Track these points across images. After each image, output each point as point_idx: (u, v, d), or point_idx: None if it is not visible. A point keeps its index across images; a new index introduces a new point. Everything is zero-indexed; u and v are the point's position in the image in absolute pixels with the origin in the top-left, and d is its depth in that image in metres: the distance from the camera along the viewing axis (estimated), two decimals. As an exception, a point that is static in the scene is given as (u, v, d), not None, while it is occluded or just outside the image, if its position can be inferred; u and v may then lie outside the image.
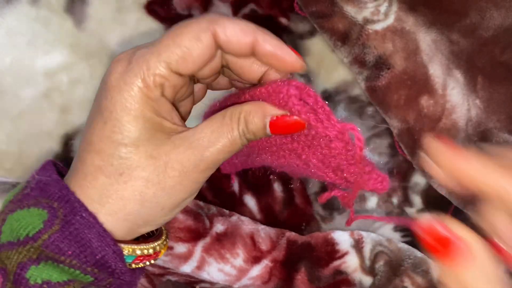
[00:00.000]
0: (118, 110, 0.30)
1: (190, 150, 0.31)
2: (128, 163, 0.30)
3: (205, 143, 0.31)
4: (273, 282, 0.48)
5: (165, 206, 0.32)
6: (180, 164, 0.31)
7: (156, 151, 0.31)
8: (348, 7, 0.51)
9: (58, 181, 0.31)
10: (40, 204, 0.31)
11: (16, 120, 0.50)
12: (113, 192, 0.31)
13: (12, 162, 0.50)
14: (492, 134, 0.49)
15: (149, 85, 0.30)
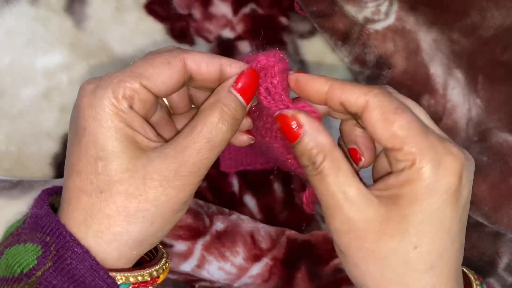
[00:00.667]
0: (91, 125, 0.31)
1: (166, 160, 0.31)
2: (107, 178, 0.31)
3: (180, 148, 0.32)
4: (273, 280, 0.48)
5: (154, 220, 0.32)
6: (159, 174, 0.31)
7: (132, 164, 0.31)
8: (348, 7, 0.51)
9: (49, 213, 0.32)
10: (35, 239, 0.31)
11: (16, 120, 0.50)
12: (96, 212, 0.31)
13: (12, 162, 0.50)
14: (493, 133, 0.49)
15: (118, 97, 0.31)
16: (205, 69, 0.33)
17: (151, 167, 0.31)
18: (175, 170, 0.31)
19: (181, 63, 0.33)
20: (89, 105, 0.31)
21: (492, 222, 0.48)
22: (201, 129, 0.32)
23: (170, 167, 0.31)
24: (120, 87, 0.31)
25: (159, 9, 0.54)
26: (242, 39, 0.54)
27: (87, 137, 0.31)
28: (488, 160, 0.48)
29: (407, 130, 0.31)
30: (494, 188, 0.48)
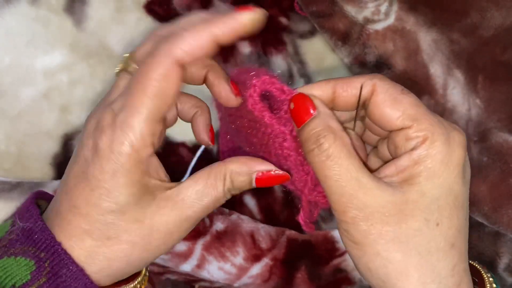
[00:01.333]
0: (106, 179, 0.31)
1: (174, 212, 0.32)
2: (115, 228, 0.31)
3: (189, 203, 0.32)
4: (274, 280, 0.48)
5: (148, 261, 0.34)
6: (165, 226, 0.32)
7: (142, 215, 0.32)
8: (348, 7, 0.51)
9: (44, 229, 0.32)
10: (27, 253, 0.31)
11: (16, 120, 0.50)
12: (100, 254, 0.32)
13: (12, 162, 0.50)
14: (493, 133, 0.49)
15: (138, 149, 0.31)
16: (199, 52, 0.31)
17: (158, 217, 0.32)
18: (180, 224, 0.33)
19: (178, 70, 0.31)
20: (107, 160, 0.30)
21: (492, 222, 0.48)
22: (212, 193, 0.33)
23: (176, 220, 0.32)
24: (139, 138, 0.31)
25: (159, 9, 0.54)
26: (242, 39, 0.54)
27: (101, 189, 0.31)
28: (488, 160, 0.48)
29: (415, 107, 0.31)
30: (494, 188, 0.48)
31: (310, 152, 0.32)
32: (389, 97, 0.32)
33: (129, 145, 0.30)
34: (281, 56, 0.55)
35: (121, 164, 0.30)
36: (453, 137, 0.31)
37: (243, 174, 0.33)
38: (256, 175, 0.33)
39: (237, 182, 0.33)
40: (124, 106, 0.31)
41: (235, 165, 0.33)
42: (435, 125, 0.31)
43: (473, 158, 0.48)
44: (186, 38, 0.30)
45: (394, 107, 0.31)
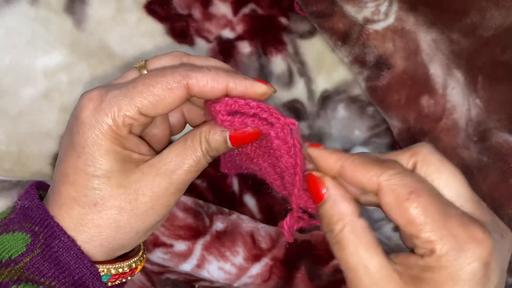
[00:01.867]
0: (89, 145, 0.32)
1: (158, 176, 0.33)
2: (101, 194, 0.33)
3: (172, 167, 0.33)
4: (273, 280, 0.48)
5: (139, 230, 0.34)
6: (150, 190, 0.33)
7: (127, 180, 0.33)
8: (348, 7, 0.51)
9: (39, 206, 0.33)
10: (24, 228, 0.33)
11: (16, 120, 0.50)
12: (88, 221, 0.33)
13: (12, 162, 0.50)
14: (492, 133, 0.49)
15: (118, 124, 0.32)
16: (208, 93, 0.34)
17: (144, 182, 0.33)
18: (165, 187, 0.33)
19: (184, 90, 0.33)
20: (90, 126, 0.32)
21: (492, 222, 0.48)
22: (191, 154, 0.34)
23: (161, 184, 0.33)
24: (120, 116, 0.32)
25: (159, 9, 0.54)
26: (242, 39, 0.54)
27: (85, 155, 0.32)
28: (488, 160, 0.48)
29: (423, 217, 0.29)
30: (494, 188, 0.48)
31: (326, 234, 0.33)
32: (395, 202, 0.30)
33: (111, 118, 0.32)
34: (281, 56, 0.55)
35: (103, 133, 0.32)
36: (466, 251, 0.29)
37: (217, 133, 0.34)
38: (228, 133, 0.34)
39: (212, 141, 0.34)
40: (121, 87, 0.33)
41: (208, 126, 0.34)
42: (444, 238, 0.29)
43: (473, 158, 0.48)
44: (206, 75, 0.33)
45: (399, 215, 0.30)
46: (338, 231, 0.32)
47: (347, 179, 0.32)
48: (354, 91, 0.55)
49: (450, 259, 0.29)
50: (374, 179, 0.31)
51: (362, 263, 0.31)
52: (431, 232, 0.29)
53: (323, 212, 0.33)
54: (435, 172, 0.32)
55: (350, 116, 0.55)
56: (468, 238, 0.29)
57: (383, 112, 0.51)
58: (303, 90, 0.55)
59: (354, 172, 0.32)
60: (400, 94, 0.50)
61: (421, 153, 0.32)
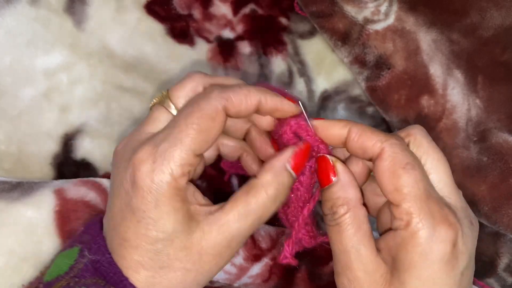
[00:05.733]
0: (150, 209, 0.32)
1: (220, 235, 0.33)
2: (166, 257, 0.32)
3: (234, 225, 0.33)
4: (273, 280, 0.48)
5: (203, 283, 0.34)
6: (213, 249, 0.33)
7: (189, 241, 0.32)
8: (348, 7, 0.51)
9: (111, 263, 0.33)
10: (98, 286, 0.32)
11: (16, 120, 0.50)
12: (156, 284, 0.33)
13: (12, 162, 0.49)
14: (492, 133, 0.49)
15: (177, 177, 0.32)
16: (244, 111, 0.34)
17: (206, 242, 0.33)
18: (227, 244, 0.33)
19: (224, 115, 0.33)
20: (149, 190, 0.32)
21: (492, 222, 0.48)
22: (255, 208, 0.33)
23: (223, 243, 0.33)
24: (179, 167, 0.32)
25: (159, 9, 0.54)
26: (242, 39, 0.54)
27: (146, 220, 0.32)
28: (488, 160, 0.48)
29: (410, 188, 0.31)
30: (494, 188, 0.48)
31: (325, 215, 0.34)
32: (390, 168, 0.32)
33: (169, 174, 0.32)
34: (281, 56, 0.55)
35: (162, 193, 0.31)
36: (439, 230, 0.31)
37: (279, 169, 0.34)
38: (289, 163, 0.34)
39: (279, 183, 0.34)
40: (167, 137, 0.32)
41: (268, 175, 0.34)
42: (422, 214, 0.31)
43: (473, 158, 0.48)
44: (239, 93, 0.33)
45: (390, 181, 0.32)
46: (341, 214, 0.33)
47: (353, 143, 0.34)
48: (354, 91, 0.55)
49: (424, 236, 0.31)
50: (379, 144, 0.32)
51: (356, 248, 0.32)
52: (412, 204, 0.31)
53: (329, 194, 0.34)
54: (424, 154, 0.34)
55: (350, 116, 0.55)
56: (442, 218, 0.31)
57: (383, 112, 0.51)
58: (303, 90, 0.55)
59: (361, 135, 0.33)
60: (400, 94, 0.50)
61: (414, 135, 0.34)
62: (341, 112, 0.54)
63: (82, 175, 0.50)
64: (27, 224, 0.43)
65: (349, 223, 0.33)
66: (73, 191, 0.45)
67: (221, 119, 0.33)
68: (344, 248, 0.33)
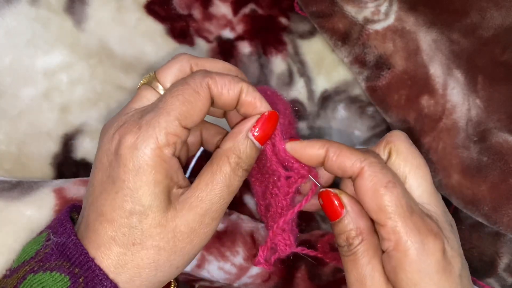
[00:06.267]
0: (130, 178, 0.31)
1: (192, 210, 0.33)
2: (139, 233, 0.32)
3: (203, 197, 0.33)
4: (273, 280, 0.48)
5: (179, 265, 0.34)
6: (186, 226, 0.33)
7: (164, 218, 0.32)
8: (348, 7, 0.51)
9: (77, 244, 0.32)
10: (62, 268, 0.32)
11: (16, 120, 0.50)
12: (128, 262, 0.32)
13: (12, 162, 0.50)
14: (492, 133, 0.49)
15: (162, 145, 0.32)
16: (226, 94, 0.34)
17: (179, 220, 0.32)
18: (200, 220, 0.33)
19: (207, 91, 0.33)
20: (131, 158, 0.31)
21: (492, 222, 0.48)
22: (220, 178, 0.33)
23: (196, 218, 0.33)
24: (163, 135, 0.32)
25: (159, 9, 0.54)
26: (242, 39, 0.54)
27: (125, 190, 0.32)
28: (488, 160, 0.48)
29: (394, 207, 0.32)
30: (494, 188, 0.47)
31: (340, 247, 0.34)
32: (371, 188, 0.32)
33: (153, 142, 0.31)
34: (281, 56, 0.55)
35: (145, 161, 0.31)
36: (427, 244, 0.32)
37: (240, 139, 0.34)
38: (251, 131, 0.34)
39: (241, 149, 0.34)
40: (153, 109, 0.33)
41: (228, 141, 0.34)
42: (409, 231, 0.31)
43: (473, 158, 0.48)
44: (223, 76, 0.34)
45: (372, 200, 0.32)
46: (356, 244, 0.33)
47: (331, 162, 0.34)
48: (354, 91, 0.55)
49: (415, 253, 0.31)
50: (358, 164, 0.33)
51: (371, 275, 0.33)
52: (398, 222, 0.32)
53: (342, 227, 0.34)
54: (403, 161, 0.35)
55: (350, 116, 0.55)
56: (427, 231, 0.32)
57: (383, 112, 0.51)
58: (303, 90, 0.55)
59: (339, 155, 0.34)
60: (400, 94, 0.50)
61: (394, 142, 0.35)
62: (341, 112, 0.54)
63: (82, 175, 0.50)
64: (26, 223, 0.43)
65: (364, 253, 0.33)
66: (73, 191, 0.45)
67: (205, 94, 0.33)
68: (360, 276, 0.33)
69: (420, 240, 0.31)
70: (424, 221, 0.32)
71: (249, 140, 0.34)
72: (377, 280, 0.33)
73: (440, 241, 0.32)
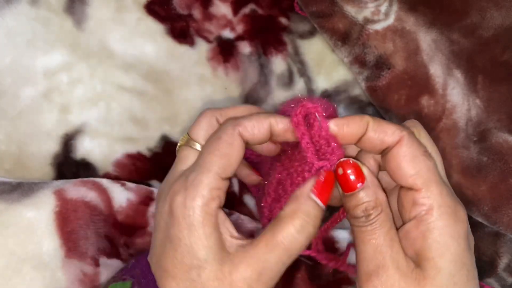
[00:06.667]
0: (186, 236, 0.33)
1: (249, 268, 0.33)
2: (200, 286, 0.33)
3: (262, 255, 0.34)
4: (273, 281, 0.48)
5: None
6: (243, 281, 0.33)
7: (221, 271, 0.33)
8: (348, 7, 0.51)
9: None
10: None
11: (16, 120, 0.50)
12: None
13: (12, 163, 0.50)
14: (492, 133, 0.49)
15: (207, 201, 0.33)
16: (258, 133, 0.35)
17: (236, 275, 0.33)
18: (257, 277, 0.33)
19: (240, 140, 0.35)
20: (183, 217, 0.33)
21: (492, 222, 0.48)
22: (282, 240, 0.33)
23: (253, 275, 0.33)
24: (207, 191, 0.34)
25: (159, 9, 0.54)
26: (242, 39, 0.54)
27: (182, 247, 0.33)
28: (488, 160, 0.48)
29: (431, 173, 0.33)
30: (494, 188, 0.48)
31: (356, 219, 0.34)
32: (410, 154, 0.33)
33: (200, 199, 0.33)
34: (281, 56, 0.55)
35: (195, 218, 0.33)
36: (458, 211, 0.33)
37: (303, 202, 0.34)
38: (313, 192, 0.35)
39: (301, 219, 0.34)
40: (195, 168, 0.35)
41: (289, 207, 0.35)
42: (444, 196, 0.32)
43: (473, 158, 0.48)
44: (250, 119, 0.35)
45: (411, 165, 0.33)
46: (376, 215, 0.33)
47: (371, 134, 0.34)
48: (354, 91, 0.55)
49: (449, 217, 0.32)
50: (398, 132, 0.34)
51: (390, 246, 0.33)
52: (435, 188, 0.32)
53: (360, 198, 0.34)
54: None
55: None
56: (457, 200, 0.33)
57: (383, 112, 0.51)
58: (303, 90, 0.55)
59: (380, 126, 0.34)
60: (400, 94, 0.50)
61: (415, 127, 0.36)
62: (341, 112, 0.54)
63: (82, 175, 0.50)
64: (27, 225, 0.43)
65: (383, 223, 0.33)
66: (73, 192, 0.45)
67: (239, 143, 0.35)
68: (378, 248, 0.33)
69: (453, 206, 0.32)
70: (452, 192, 0.34)
71: (312, 200, 0.35)
72: (396, 251, 0.33)
73: (465, 213, 0.33)
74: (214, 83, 0.53)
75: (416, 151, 0.33)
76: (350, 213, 0.35)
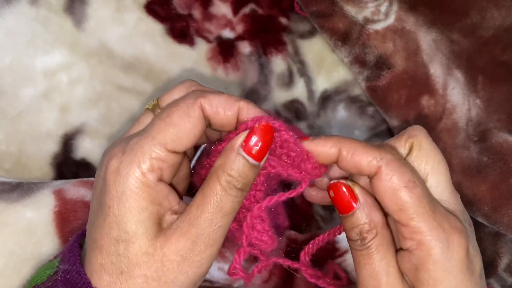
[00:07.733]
0: (115, 205, 0.30)
1: (181, 237, 0.31)
2: (126, 261, 0.30)
3: (193, 221, 0.31)
4: (273, 281, 0.48)
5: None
6: (176, 253, 0.31)
7: (152, 246, 0.31)
8: (348, 7, 0.51)
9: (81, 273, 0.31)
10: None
11: (16, 120, 0.50)
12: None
13: (12, 163, 0.50)
14: (492, 133, 0.49)
15: (145, 171, 0.30)
16: (222, 113, 0.32)
17: (168, 248, 0.31)
18: (191, 246, 0.31)
19: (200, 112, 0.32)
20: (114, 183, 0.30)
21: (492, 222, 0.48)
22: (210, 199, 0.31)
23: (186, 244, 0.31)
24: (145, 160, 0.30)
25: (159, 9, 0.54)
26: (242, 39, 0.54)
27: (111, 217, 0.31)
28: (488, 160, 0.48)
29: (415, 207, 0.30)
30: (494, 188, 0.48)
31: (352, 241, 0.33)
32: (390, 188, 0.31)
33: (136, 167, 0.30)
34: (281, 56, 0.55)
35: (127, 187, 0.30)
36: (452, 242, 0.31)
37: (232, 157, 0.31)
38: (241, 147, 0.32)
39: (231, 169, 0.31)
40: (140, 133, 0.31)
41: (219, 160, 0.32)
42: (433, 230, 0.30)
43: (473, 158, 0.48)
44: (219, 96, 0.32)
45: (393, 201, 0.31)
46: (370, 238, 0.32)
47: (345, 162, 0.32)
48: (354, 91, 0.55)
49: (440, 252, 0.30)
50: (374, 162, 0.31)
51: (386, 271, 0.32)
52: (421, 223, 0.30)
53: (355, 220, 0.32)
54: (425, 157, 0.33)
55: (350, 116, 0.55)
56: (451, 229, 0.31)
57: (383, 112, 0.51)
58: (303, 90, 0.55)
59: (354, 155, 0.32)
60: (400, 94, 0.50)
61: (415, 136, 0.33)
62: (341, 112, 0.54)
63: (82, 175, 0.50)
64: (26, 225, 0.43)
65: (379, 247, 0.32)
66: (73, 192, 0.45)
67: (197, 115, 0.31)
68: (374, 272, 0.32)
69: (444, 239, 0.30)
70: (448, 218, 0.31)
71: (240, 156, 0.31)
72: (392, 276, 0.31)
73: (465, 239, 0.31)
74: (214, 83, 0.53)
75: (397, 184, 0.30)
76: (347, 235, 0.33)
